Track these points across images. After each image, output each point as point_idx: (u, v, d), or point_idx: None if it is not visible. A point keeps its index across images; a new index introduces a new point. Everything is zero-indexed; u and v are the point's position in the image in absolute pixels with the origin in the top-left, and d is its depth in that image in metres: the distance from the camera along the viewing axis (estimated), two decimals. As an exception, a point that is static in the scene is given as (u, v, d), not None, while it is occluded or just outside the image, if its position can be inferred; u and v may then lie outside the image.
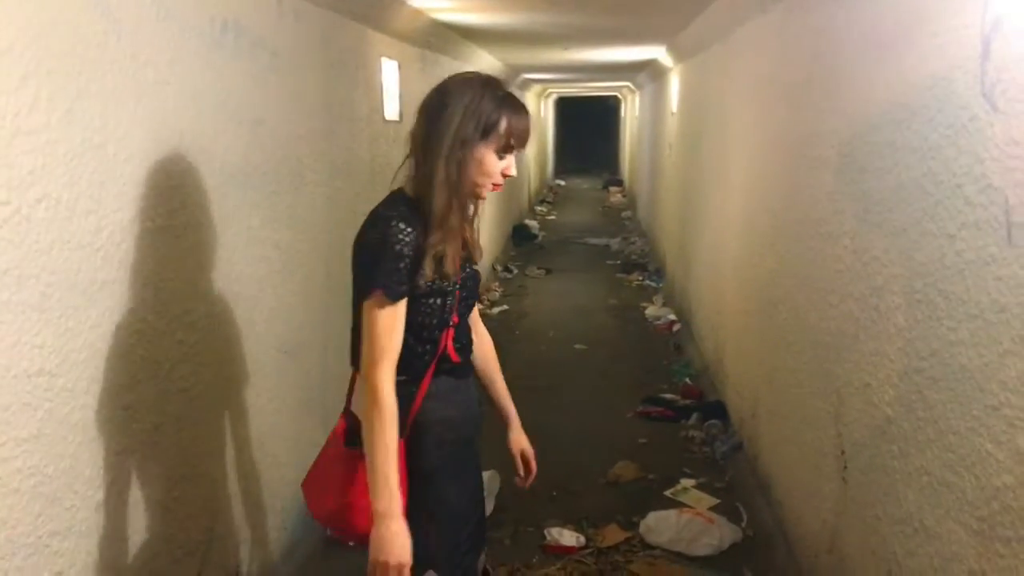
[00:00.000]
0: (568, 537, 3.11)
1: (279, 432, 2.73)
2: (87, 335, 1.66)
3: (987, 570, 1.52)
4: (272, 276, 2.65)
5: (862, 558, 2.16)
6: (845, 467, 2.29)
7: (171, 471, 2.03)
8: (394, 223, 1.60)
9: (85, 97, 1.64)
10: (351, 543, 1.75)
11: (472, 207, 1.73)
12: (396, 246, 1.59)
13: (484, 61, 7.25)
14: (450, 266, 1.64)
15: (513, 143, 1.64)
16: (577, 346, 5.87)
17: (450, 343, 1.73)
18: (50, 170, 1.54)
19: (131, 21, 1.81)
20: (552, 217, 13.02)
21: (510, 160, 1.67)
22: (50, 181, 1.54)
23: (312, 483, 1.84)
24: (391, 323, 1.60)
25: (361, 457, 1.62)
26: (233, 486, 2.38)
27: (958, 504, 1.63)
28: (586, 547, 3.08)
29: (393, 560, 1.55)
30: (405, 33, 4.42)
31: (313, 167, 3.03)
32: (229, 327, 2.34)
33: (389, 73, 4.17)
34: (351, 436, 1.73)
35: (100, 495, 1.73)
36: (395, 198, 1.70)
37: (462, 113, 1.59)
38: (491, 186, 1.67)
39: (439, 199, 1.60)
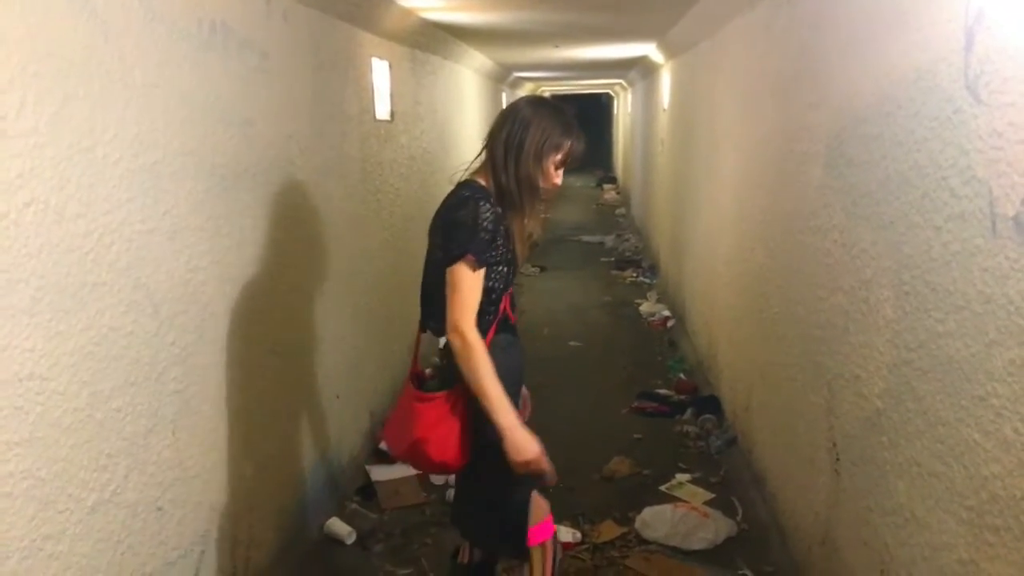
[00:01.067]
0: (564, 533, 3.11)
1: (272, 433, 2.73)
2: (78, 338, 1.67)
3: (977, 559, 1.53)
4: (264, 277, 2.65)
5: (854, 549, 2.17)
6: (837, 459, 2.30)
7: (165, 473, 2.03)
8: (482, 204, 1.98)
9: (73, 100, 1.64)
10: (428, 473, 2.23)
11: None
12: (483, 222, 1.96)
13: (475, 60, 7.25)
14: (528, 244, 2.13)
15: (569, 160, 2.10)
16: (572, 343, 5.88)
17: (508, 305, 2.10)
18: (38, 173, 1.54)
19: (118, 24, 1.81)
20: (546, 215, 13.02)
21: (561, 172, 2.12)
22: (38, 185, 1.54)
23: (390, 427, 2.21)
24: (476, 284, 1.96)
25: (423, 400, 2.04)
26: (228, 488, 2.39)
27: (948, 494, 1.64)
28: (582, 543, 3.08)
29: (531, 456, 1.95)
30: (395, 33, 4.42)
31: (304, 167, 3.03)
32: (221, 329, 2.34)
33: (379, 73, 4.17)
34: (418, 381, 2.13)
35: (93, 498, 1.73)
36: (473, 186, 2.05)
37: (542, 133, 2.03)
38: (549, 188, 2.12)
39: (526, 196, 2.06)
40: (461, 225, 1.96)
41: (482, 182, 2.06)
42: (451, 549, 2.39)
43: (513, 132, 2.04)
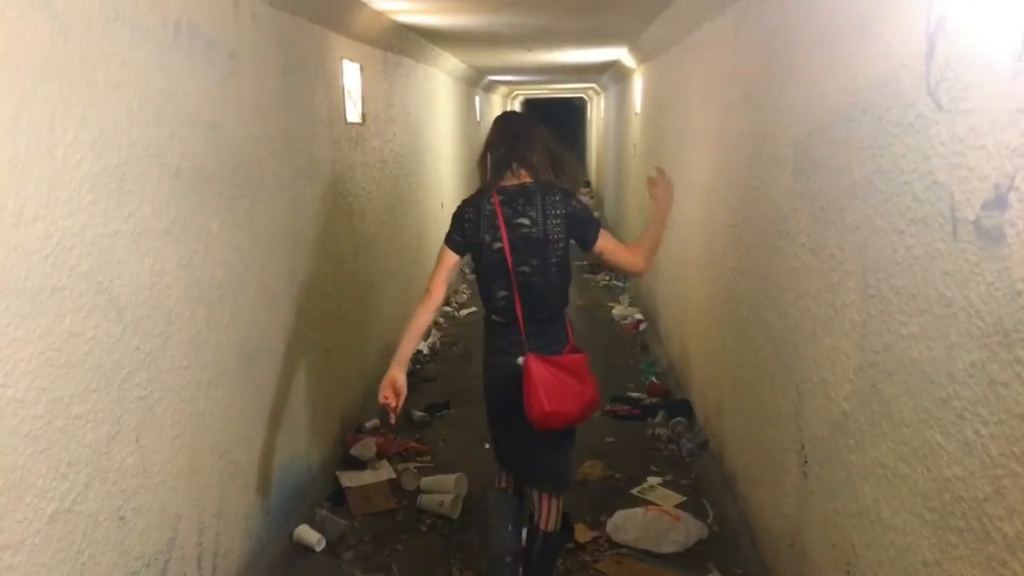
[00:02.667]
0: (536, 538, 3.10)
1: (242, 439, 2.70)
2: (36, 344, 1.63)
3: (940, 560, 1.54)
4: (232, 281, 2.61)
5: (822, 551, 2.19)
6: (805, 462, 2.32)
7: (128, 481, 1.99)
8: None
9: (32, 101, 1.61)
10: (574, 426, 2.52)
11: None
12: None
13: (449, 63, 7.24)
14: None
15: None
16: (545, 347, 5.87)
17: None
18: (-5, 176, 1.51)
19: (80, 23, 1.78)
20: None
21: None
22: (-5, 187, 1.51)
23: (552, 400, 2.35)
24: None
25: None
26: (194, 495, 2.35)
27: (912, 496, 1.66)
28: (554, 547, 3.07)
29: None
30: (367, 35, 4.39)
31: (273, 170, 3.00)
32: (188, 333, 2.30)
33: (351, 75, 4.15)
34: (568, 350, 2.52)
35: (52, 507, 1.69)
36: (550, 184, 2.47)
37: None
38: None
39: (577, 187, 2.69)
40: (586, 210, 2.50)
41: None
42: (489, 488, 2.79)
43: (550, 144, 2.55)
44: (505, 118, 2.66)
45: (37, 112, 1.63)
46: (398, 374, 2.41)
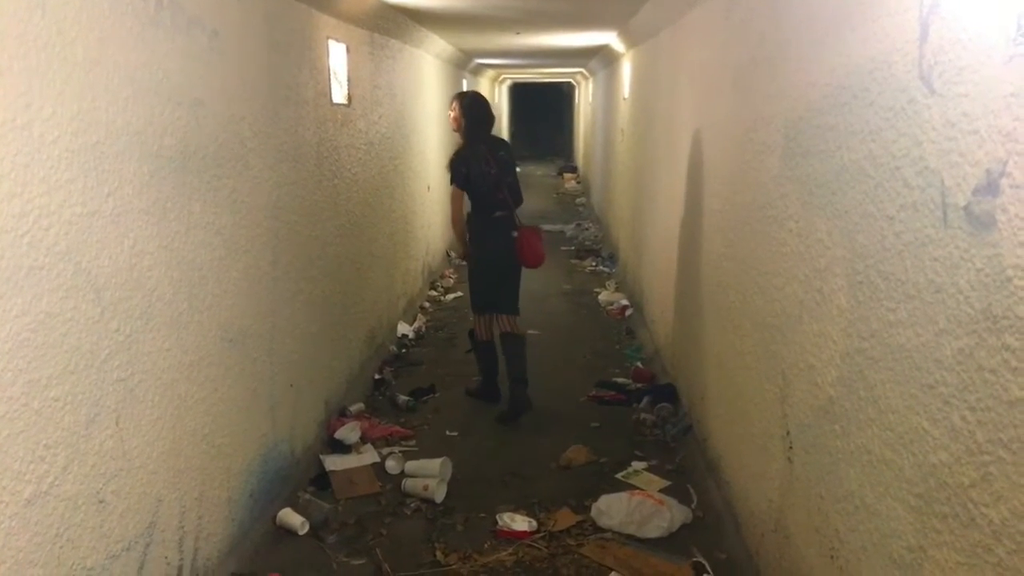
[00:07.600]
0: (520, 522, 3.11)
1: (224, 422, 2.67)
2: (12, 324, 1.60)
3: (925, 545, 1.55)
4: (214, 263, 2.58)
5: (806, 535, 2.19)
6: (790, 447, 2.32)
7: (108, 464, 1.96)
8: None
9: (7, 75, 1.57)
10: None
11: None
12: None
13: (436, 46, 7.17)
14: None
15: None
16: (531, 331, 5.84)
17: None
18: (-31, 151, 1.47)
19: (57, -4, 1.73)
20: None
21: None
22: (-31, 163, 1.47)
23: (541, 249, 4.26)
24: None
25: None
26: (176, 478, 2.32)
27: (897, 482, 1.66)
28: (538, 531, 3.08)
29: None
30: (353, 15, 4.33)
31: (257, 151, 2.95)
32: (169, 315, 2.27)
33: (337, 56, 4.09)
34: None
35: (29, 490, 1.67)
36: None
37: None
38: None
39: None
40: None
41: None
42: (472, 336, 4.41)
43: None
44: (479, 99, 4.28)
45: (12, 86, 1.58)
46: None
